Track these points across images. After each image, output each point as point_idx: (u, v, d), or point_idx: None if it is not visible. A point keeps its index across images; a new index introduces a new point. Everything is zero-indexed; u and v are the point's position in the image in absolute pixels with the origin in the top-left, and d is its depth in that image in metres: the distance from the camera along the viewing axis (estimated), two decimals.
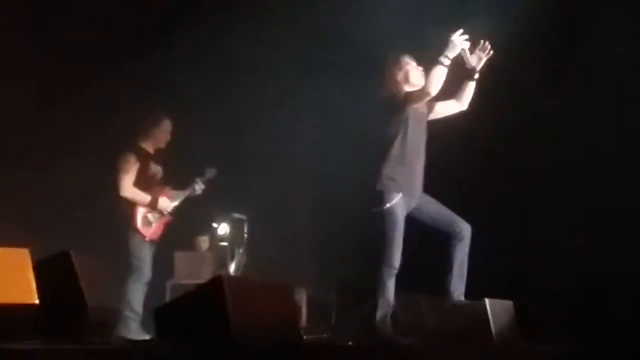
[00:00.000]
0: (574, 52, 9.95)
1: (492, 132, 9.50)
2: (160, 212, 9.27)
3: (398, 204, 7.47)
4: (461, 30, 7.33)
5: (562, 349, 6.85)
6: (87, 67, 11.05)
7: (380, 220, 7.50)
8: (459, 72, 7.76)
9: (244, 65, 10.86)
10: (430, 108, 7.84)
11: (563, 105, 9.60)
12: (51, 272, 5.72)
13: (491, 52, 7.62)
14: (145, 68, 10.43)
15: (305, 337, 7.03)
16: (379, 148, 7.66)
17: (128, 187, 8.99)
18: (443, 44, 7.34)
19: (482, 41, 7.63)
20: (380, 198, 7.49)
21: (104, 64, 10.94)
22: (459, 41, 7.28)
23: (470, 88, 7.81)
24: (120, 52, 10.87)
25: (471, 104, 7.93)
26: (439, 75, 7.33)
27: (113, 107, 10.49)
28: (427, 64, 7.51)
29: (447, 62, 7.29)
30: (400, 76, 7.65)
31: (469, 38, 7.36)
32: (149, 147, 9.22)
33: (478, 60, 7.67)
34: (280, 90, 10.53)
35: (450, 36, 7.31)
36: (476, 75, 7.75)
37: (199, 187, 9.54)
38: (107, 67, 10.89)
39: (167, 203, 9.33)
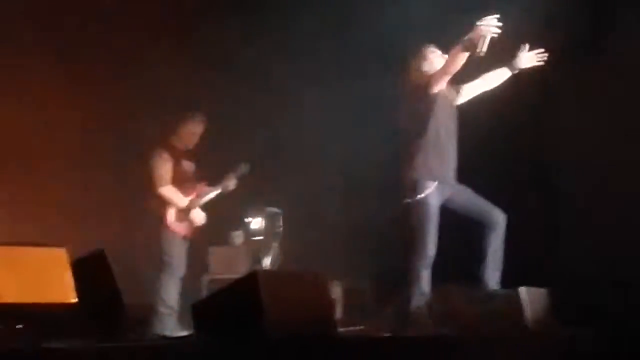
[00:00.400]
0: (603, 42, 9.87)
1: (523, 119, 9.47)
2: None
3: (432, 193, 7.50)
4: (493, 17, 7.19)
5: (594, 334, 6.84)
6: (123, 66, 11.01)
7: (415, 210, 7.56)
8: (493, 59, 7.73)
9: (273, 58, 10.74)
10: (458, 92, 7.95)
11: (594, 92, 9.52)
12: (88, 271, 5.75)
13: (545, 58, 7.79)
14: (176, 67, 10.36)
15: (340, 329, 7.00)
16: (410, 137, 7.72)
17: (167, 186, 9.12)
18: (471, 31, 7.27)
19: (541, 50, 7.82)
20: (414, 187, 7.53)
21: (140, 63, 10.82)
22: (485, 27, 7.16)
23: (502, 74, 7.92)
24: (151, 51, 10.72)
25: (500, 90, 7.99)
26: (457, 54, 7.39)
27: (146, 106, 10.44)
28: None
29: (467, 43, 7.24)
30: (426, 66, 7.73)
31: (500, 27, 7.17)
32: (180, 144, 9.30)
33: (529, 60, 7.83)
34: (308, 82, 10.35)
35: (484, 22, 7.20)
36: (516, 71, 7.87)
37: (232, 183, 9.56)
38: (143, 66, 10.73)
39: (200, 217, 9.45)
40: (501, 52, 7.74)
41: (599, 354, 6.50)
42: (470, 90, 7.94)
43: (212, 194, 9.52)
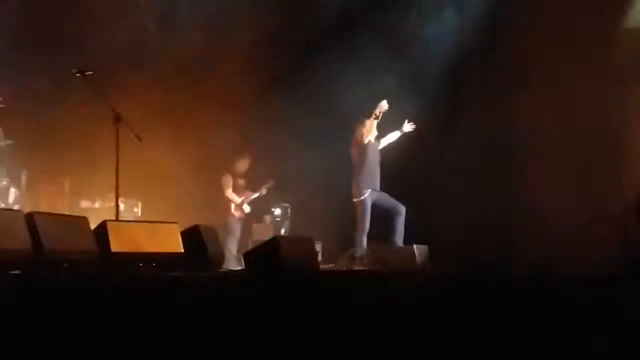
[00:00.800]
0: None
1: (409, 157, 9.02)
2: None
3: (368, 196, 7.67)
4: (385, 101, 7.50)
5: (457, 272, 6.77)
6: None
7: (359, 205, 7.69)
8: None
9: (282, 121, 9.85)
10: (379, 141, 7.95)
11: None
12: (190, 236, 5.69)
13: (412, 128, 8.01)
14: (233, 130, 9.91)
15: (320, 266, 7.10)
16: (356, 165, 7.78)
17: (229, 192, 9.33)
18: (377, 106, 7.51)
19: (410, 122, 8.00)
20: (359, 193, 7.68)
21: None
22: (382, 106, 7.49)
23: (397, 134, 8.03)
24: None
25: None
26: (372, 121, 7.63)
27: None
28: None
29: (376, 117, 7.56)
30: (362, 128, 7.73)
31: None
32: (237, 170, 9.48)
33: (408, 128, 8.02)
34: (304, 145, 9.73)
35: (381, 103, 7.48)
36: (403, 133, 8.02)
37: (264, 190, 9.67)
38: None
39: (247, 208, 9.56)
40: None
41: (456, 281, 6.41)
42: (384, 142, 8.01)
43: (254, 196, 9.62)
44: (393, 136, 8.08)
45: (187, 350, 3.20)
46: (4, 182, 7.44)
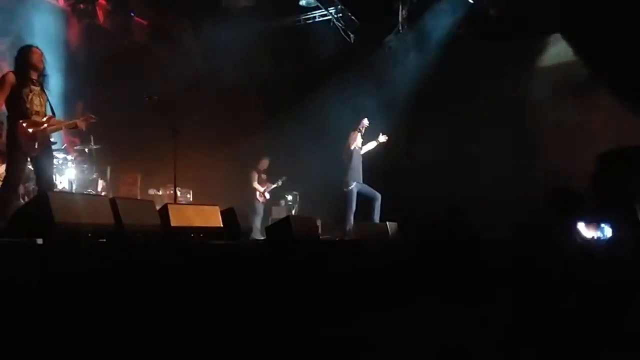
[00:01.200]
0: None
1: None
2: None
3: (354, 187, 7.61)
4: (366, 118, 7.56)
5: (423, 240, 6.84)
6: None
7: (348, 194, 7.61)
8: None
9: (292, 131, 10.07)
10: (361, 148, 7.81)
11: None
12: (227, 215, 5.60)
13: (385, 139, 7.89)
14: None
15: (320, 237, 7.06)
16: (346, 164, 7.68)
17: (255, 184, 9.30)
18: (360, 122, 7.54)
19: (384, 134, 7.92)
20: (347, 185, 7.61)
21: None
22: (364, 122, 7.54)
23: (374, 143, 7.94)
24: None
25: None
26: (355, 133, 7.59)
27: None
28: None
29: (359, 130, 7.58)
30: (351, 138, 7.71)
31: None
32: (260, 168, 9.43)
33: (380, 139, 7.93)
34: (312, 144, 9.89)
35: (363, 120, 7.52)
36: (379, 143, 7.92)
37: (280, 182, 9.64)
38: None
39: (268, 195, 9.50)
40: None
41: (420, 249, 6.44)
42: (365, 148, 7.88)
43: (273, 186, 9.58)
44: (371, 145, 7.99)
45: (222, 293, 3.24)
46: (94, 176, 7.46)
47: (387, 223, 7.25)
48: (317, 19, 10.66)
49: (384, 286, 4.87)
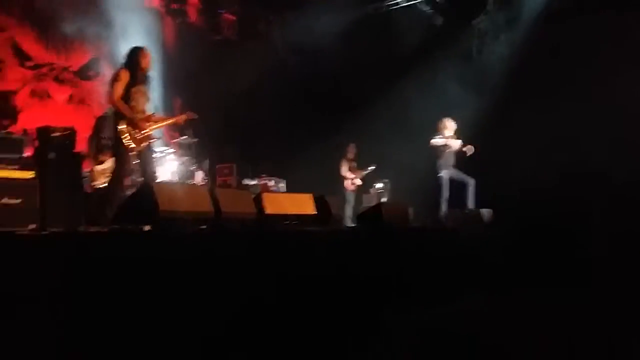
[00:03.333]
0: None
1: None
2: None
3: (446, 172, 7.44)
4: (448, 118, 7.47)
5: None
6: None
7: (440, 180, 7.41)
8: None
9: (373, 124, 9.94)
10: (454, 137, 7.58)
11: None
12: (320, 203, 5.72)
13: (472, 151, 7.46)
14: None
15: (411, 224, 6.93)
16: (438, 151, 7.52)
17: (345, 171, 9.23)
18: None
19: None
20: (439, 170, 7.45)
21: None
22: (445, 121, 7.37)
23: (458, 143, 7.58)
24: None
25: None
26: (443, 126, 7.48)
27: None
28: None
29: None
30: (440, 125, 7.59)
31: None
32: (349, 156, 9.37)
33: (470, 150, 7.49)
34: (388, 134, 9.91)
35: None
36: (466, 150, 7.49)
37: (370, 170, 9.49)
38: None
39: (359, 182, 9.39)
40: None
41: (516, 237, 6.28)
42: (457, 142, 7.53)
43: (364, 174, 9.43)
44: (457, 143, 7.60)
45: (316, 279, 3.34)
46: (193, 167, 7.76)
47: (482, 210, 7.05)
48: (401, 4, 10.48)
49: (479, 274, 4.78)
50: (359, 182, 9.45)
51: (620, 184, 7.77)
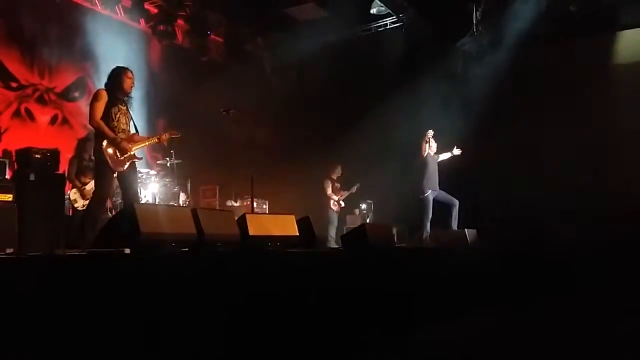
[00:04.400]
0: None
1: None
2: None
3: (430, 194, 7.51)
4: (430, 130, 7.48)
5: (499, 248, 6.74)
6: None
7: (424, 201, 7.50)
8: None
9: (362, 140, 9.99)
10: (437, 155, 7.71)
11: None
12: (302, 224, 5.45)
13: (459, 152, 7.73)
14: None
15: (395, 245, 6.87)
16: (420, 170, 7.61)
17: (329, 192, 9.17)
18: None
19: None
20: (422, 192, 7.51)
21: None
22: (428, 134, 7.50)
23: (447, 155, 7.78)
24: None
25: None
26: (424, 143, 7.57)
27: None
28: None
29: (427, 141, 7.51)
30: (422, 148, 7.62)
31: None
32: (334, 176, 9.34)
33: (457, 151, 7.78)
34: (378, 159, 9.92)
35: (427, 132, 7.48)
36: (454, 152, 7.75)
37: (354, 189, 9.45)
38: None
39: (342, 203, 9.35)
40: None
41: (501, 256, 6.32)
42: (441, 157, 7.76)
43: (347, 193, 9.41)
44: (445, 155, 7.81)
45: (299, 300, 3.30)
46: (176, 189, 7.71)
47: (466, 230, 7.06)
48: (388, 27, 10.60)
49: (462, 294, 4.78)
50: (342, 203, 9.41)
51: (603, 201, 7.93)
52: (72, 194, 6.63)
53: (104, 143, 4.75)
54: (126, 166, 4.89)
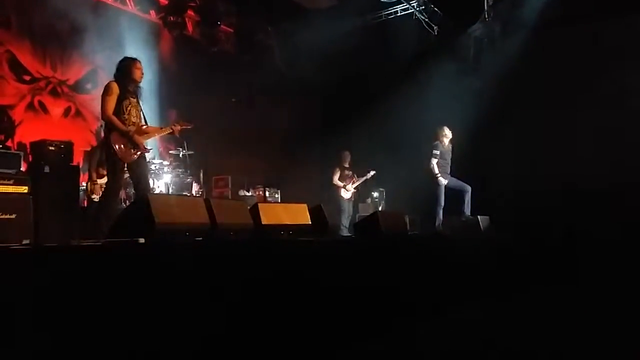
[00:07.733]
0: None
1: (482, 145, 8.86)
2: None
3: (442, 179, 7.44)
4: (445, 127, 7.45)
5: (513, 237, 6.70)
6: None
7: (436, 188, 7.43)
8: None
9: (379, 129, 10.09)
10: (450, 144, 7.66)
11: None
12: (315, 212, 5.49)
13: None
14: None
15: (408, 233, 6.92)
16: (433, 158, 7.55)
17: (335, 180, 9.07)
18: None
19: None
20: (436, 179, 7.49)
21: None
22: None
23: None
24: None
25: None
26: (441, 133, 7.54)
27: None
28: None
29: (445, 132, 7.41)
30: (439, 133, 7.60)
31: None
32: (343, 164, 9.23)
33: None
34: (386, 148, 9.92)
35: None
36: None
37: (369, 175, 9.30)
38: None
39: (353, 190, 9.23)
40: None
41: (516, 246, 6.32)
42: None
43: (359, 182, 9.29)
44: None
45: (311, 288, 3.31)
46: (189, 179, 7.75)
47: (479, 217, 7.01)
48: (398, 14, 10.52)
49: (475, 281, 4.77)
50: (351, 189, 9.25)
51: (616, 192, 7.84)
52: (92, 185, 6.71)
53: (114, 136, 4.77)
54: (138, 157, 4.91)
